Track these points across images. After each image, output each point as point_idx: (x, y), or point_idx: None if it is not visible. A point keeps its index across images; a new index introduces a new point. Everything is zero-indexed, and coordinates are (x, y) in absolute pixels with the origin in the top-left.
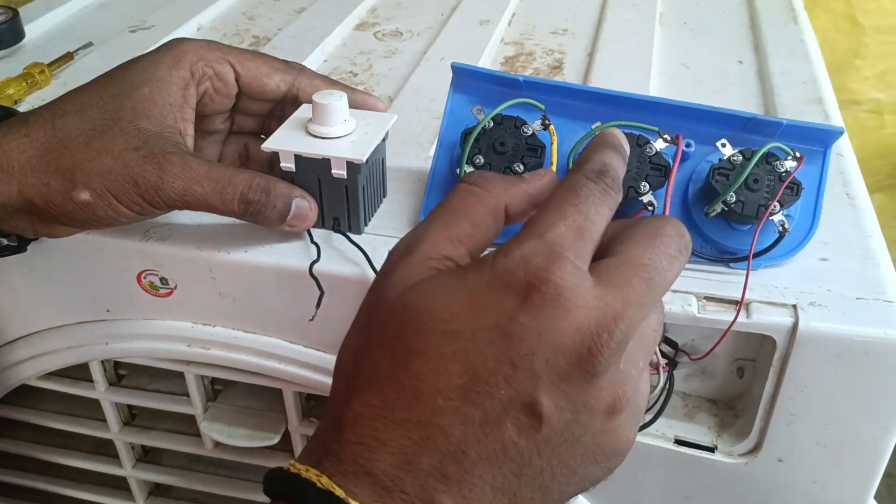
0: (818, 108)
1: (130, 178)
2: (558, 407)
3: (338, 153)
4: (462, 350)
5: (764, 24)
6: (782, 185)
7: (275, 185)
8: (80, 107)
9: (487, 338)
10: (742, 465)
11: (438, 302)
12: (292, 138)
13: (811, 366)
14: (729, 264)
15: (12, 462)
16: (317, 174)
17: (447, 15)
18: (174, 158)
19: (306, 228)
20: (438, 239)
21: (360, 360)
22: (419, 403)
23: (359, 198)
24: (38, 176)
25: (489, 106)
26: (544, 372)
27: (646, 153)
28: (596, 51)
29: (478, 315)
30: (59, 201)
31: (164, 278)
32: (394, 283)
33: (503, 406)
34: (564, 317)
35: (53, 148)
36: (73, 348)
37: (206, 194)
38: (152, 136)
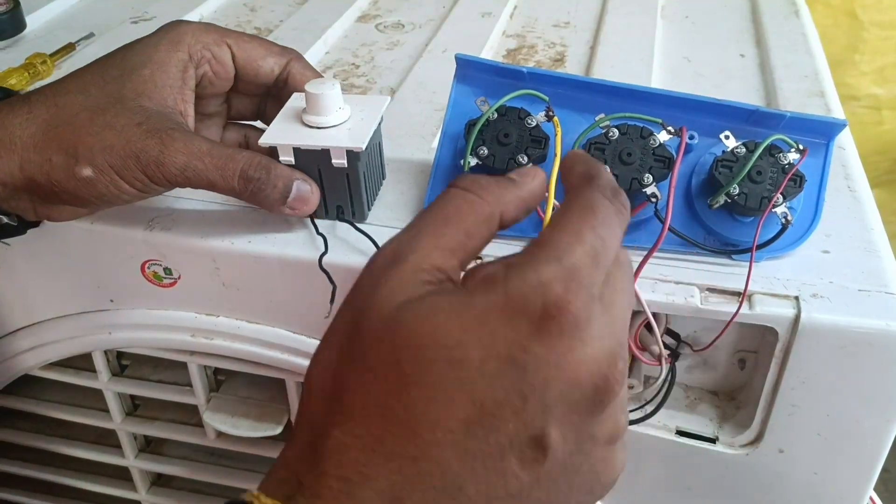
0: (820, 102)
1: (132, 152)
2: (565, 439)
3: (337, 143)
4: (468, 380)
5: (765, 18)
6: (785, 178)
7: (276, 165)
8: (82, 86)
9: (497, 368)
10: (743, 456)
11: (441, 326)
12: (289, 131)
13: (813, 357)
14: (731, 256)
15: (14, 452)
16: (317, 165)
17: (449, 7)
18: (176, 134)
19: (308, 213)
20: (429, 249)
21: (342, 382)
22: (414, 437)
23: (361, 184)
24: (40, 152)
25: (493, 97)
26: (556, 404)
27: (649, 145)
28: (598, 44)
29: (486, 343)
30: (61, 178)
31: (168, 268)
32: (382, 299)
33: (509, 440)
34: (581, 348)
35: (56, 124)
36: (76, 338)
37: (206, 170)
38: (154, 113)
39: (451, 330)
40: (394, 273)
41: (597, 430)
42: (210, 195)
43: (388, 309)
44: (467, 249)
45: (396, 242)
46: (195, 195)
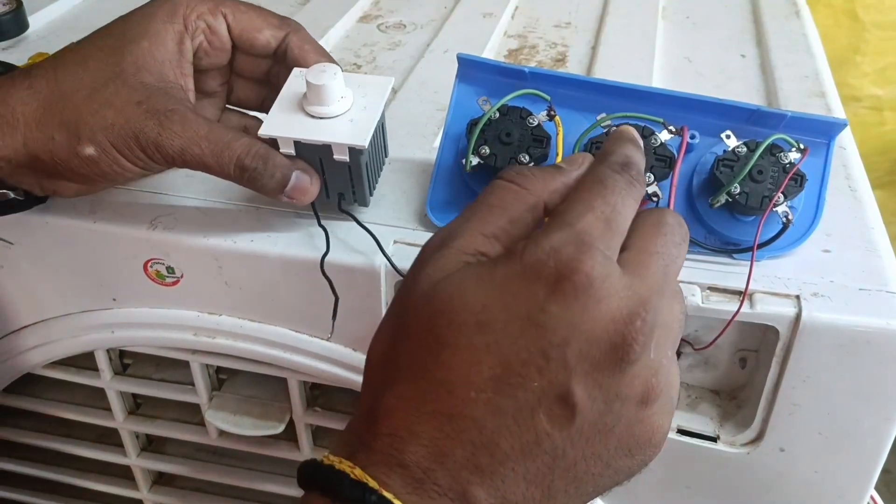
0: (821, 102)
1: (132, 132)
2: (591, 397)
3: (339, 139)
4: (494, 341)
5: (766, 18)
6: (786, 177)
7: (274, 155)
8: (81, 58)
9: (519, 328)
10: (744, 454)
11: (469, 293)
12: (289, 121)
13: (814, 356)
14: (732, 255)
15: (17, 451)
16: (318, 156)
17: (450, 7)
18: (175, 116)
19: (307, 202)
20: (474, 234)
21: (393, 351)
22: (451, 395)
23: (363, 175)
24: (42, 129)
25: (494, 97)
26: (577, 362)
27: (651, 144)
28: (599, 44)
29: (509, 306)
30: (64, 156)
31: (171, 267)
32: (426, 276)
33: (536, 397)
34: (596, 306)
35: (57, 100)
36: (79, 337)
37: (203, 155)
38: (155, 91)
39: (477, 296)
40: (439, 255)
41: (624, 389)
42: (213, 193)
43: (430, 283)
44: (511, 236)
45: (446, 229)
46: (198, 194)
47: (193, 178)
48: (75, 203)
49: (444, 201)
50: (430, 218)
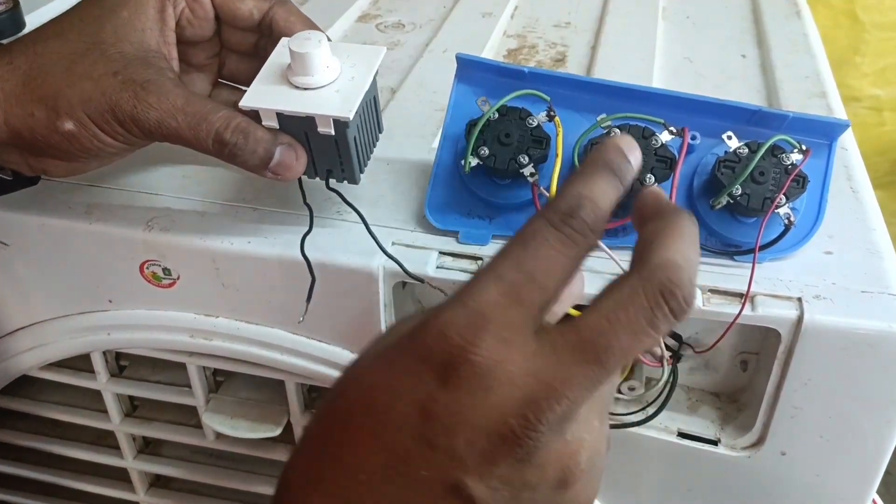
0: (822, 102)
1: (108, 105)
2: (492, 487)
3: (323, 110)
4: (380, 425)
5: (766, 18)
6: (788, 178)
7: (256, 129)
8: (59, 30)
9: (404, 414)
10: (745, 458)
11: (363, 369)
12: (272, 92)
13: (815, 359)
14: (734, 257)
15: (12, 453)
16: (303, 129)
17: (449, 7)
18: (151, 86)
19: (292, 179)
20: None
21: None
22: (343, 477)
23: (350, 150)
24: (22, 106)
25: (494, 97)
26: (467, 454)
27: (651, 145)
28: (599, 44)
29: (395, 389)
30: (44, 132)
31: (167, 269)
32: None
33: (427, 488)
34: (484, 396)
35: (35, 75)
36: (75, 338)
37: (180, 128)
38: (134, 60)
39: (366, 374)
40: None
41: (532, 478)
42: (210, 194)
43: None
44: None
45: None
46: (195, 195)
47: (190, 179)
48: (71, 204)
49: (443, 202)
50: (428, 219)
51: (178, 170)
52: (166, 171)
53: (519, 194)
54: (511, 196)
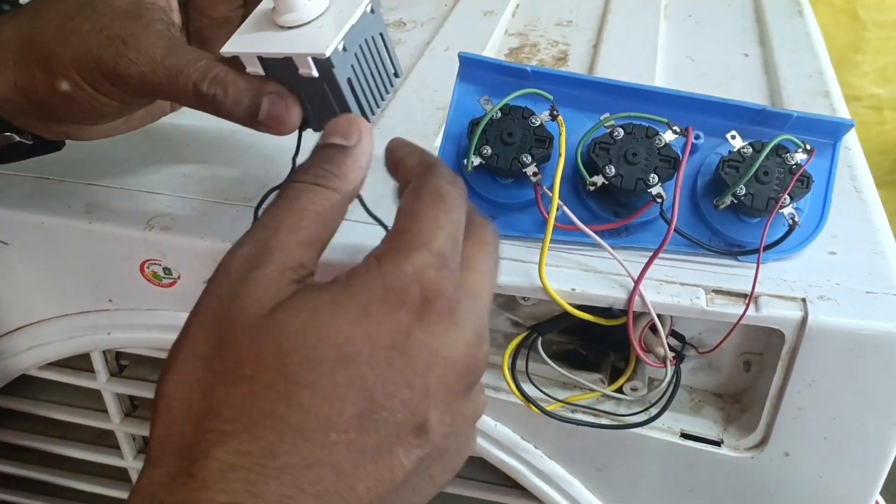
0: (825, 102)
1: (94, 62)
2: (442, 422)
3: (297, 48)
4: (359, 375)
5: (769, 17)
6: (793, 178)
7: (237, 79)
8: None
9: (385, 358)
10: (748, 459)
11: (327, 323)
12: (254, 38)
13: (819, 360)
14: (737, 257)
15: (12, 452)
16: (290, 76)
17: (451, 5)
18: (132, 40)
19: (289, 131)
20: (291, 245)
21: (217, 397)
22: (307, 443)
23: (345, 95)
24: (25, 68)
25: (496, 96)
26: (436, 388)
27: (655, 145)
28: (601, 43)
29: (374, 335)
30: (45, 94)
31: (168, 268)
32: (252, 303)
33: (397, 431)
34: (456, 332)
35: (34, 36)
36: (75, 338)
37: (161, 84)
38: (122, 14)
39: (338, 326)
40: (259, 276)
41: (466, 409)
42: (210, 193)
43: (261, 313)
44: (323, 240)
45: (253, 243)
46: (195, 194)
47: (190, 177)
48: (71, 203)
49: None
50: None
51: (178, 169)
52: (166, 170)
53: (522, 194)
54: (514, 195)
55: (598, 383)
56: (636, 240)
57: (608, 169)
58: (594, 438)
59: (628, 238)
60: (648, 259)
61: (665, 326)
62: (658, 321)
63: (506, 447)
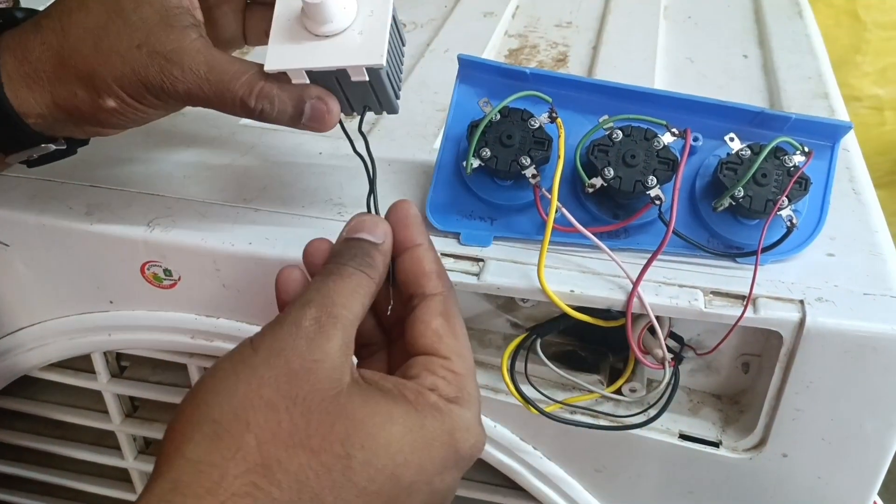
0: (824, 103)
1: (139, 81)
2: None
3: (354, 60)
4: (395, 494)
5: (769, 19)
6: (791, 180)
7: (280, 91)
8: (81, 1)
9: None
10: (746, 460)
11: (396, 440)
12: (294, 49)
13: (817, 361)
14: (736, 259)
15: (12, 453)
16: (334, 77)
17: (451, 7)
18: (174, 57)
19: (329, 129)
20: (346, 322)
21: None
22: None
23: (386, 87)
24: (64, 86)
25: (495, 98)
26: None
27: (653, 147)
28: (600, 44)
29: (425, 468)
30: (90, 110)
31: (168, 270)
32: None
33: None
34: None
35: (68, 54)
36: (76, 339)
37: (207, 98)
38: (155, 26)
39: (402, 447)
40: (329, 347)
41: None
42: (211, 194)
43: (336, 390)
44: (361, 319)
45: (317, 310)
46: (196, 195)
47: (191, 179)
48: (72, 205)
49: (445, 203)
50: (430, 220)
51: (178, 170)
52: (167, 172)
53: (521, 195)
54: (513, 197)
55: (596, 384)
56: (635, 241)
57: (607, 171)
58: (593, 439)
59: (627, 240)
60: (647, 261)
61: (664, 328)
62: (656, 323)
63: (505, 448)
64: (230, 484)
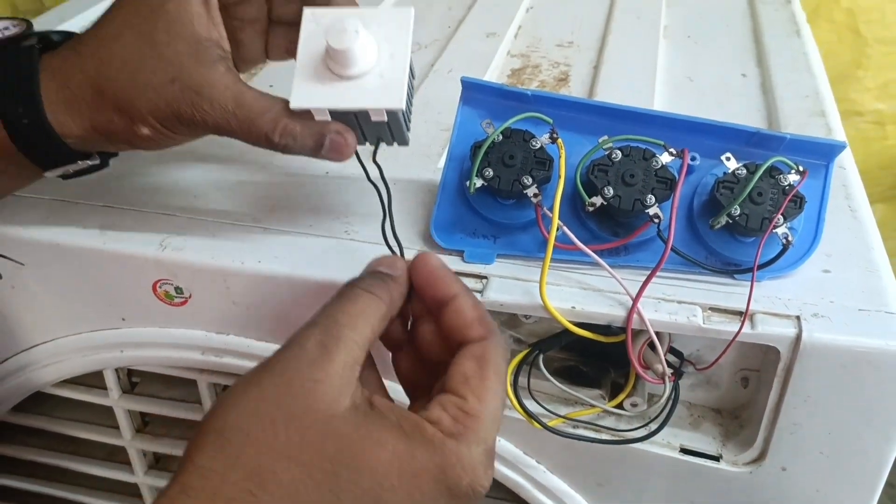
0: (821, 121)
1: (172, 113)
2: None
3: (375, 103)
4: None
5: (767, 37)
6: (786, 199)
7: (303, 128)
8: (117, 30)
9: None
10: (746, 473)
11: (384, 464)
12: (318, 89)
13: (814, 376)
14: (733, 276)
15: (24, 468)
16: (353, 114)
17: (454, 27)
18: (205, 91)
19: (345, 160)
20: (352, 344)
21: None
22: None
23: (401, 124)
24: (101, 113)
25: (498, 119)
26: None
27: (652, 166)
28: (601, 63)
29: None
30: (126, 136)
31: (179, 287)
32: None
33: None
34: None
35: (105, 85)
36: (88, 356)
37: (234, 131)
38: (187, 61)
39: (389, 472)
40: (331, 367)
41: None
42: (221, 214)
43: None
44: (371, 344)
45: (322, 332)
46: (207, 215)
47: (201, 199)
48: (85, 225)
49: (449, 222)
50: (434, 238)
51: (190, 190)
52: (178, 192)
53: (523, 214)
54: (515, 216)
55: (598, 399)
56: (635, 259)
57: (607, 190)
58: (595, 453)
59: (627, 257)
60: (646, 277)
61: (663, 343)
62: (656, 338)
63: (509, 462)
64: (229, 489)
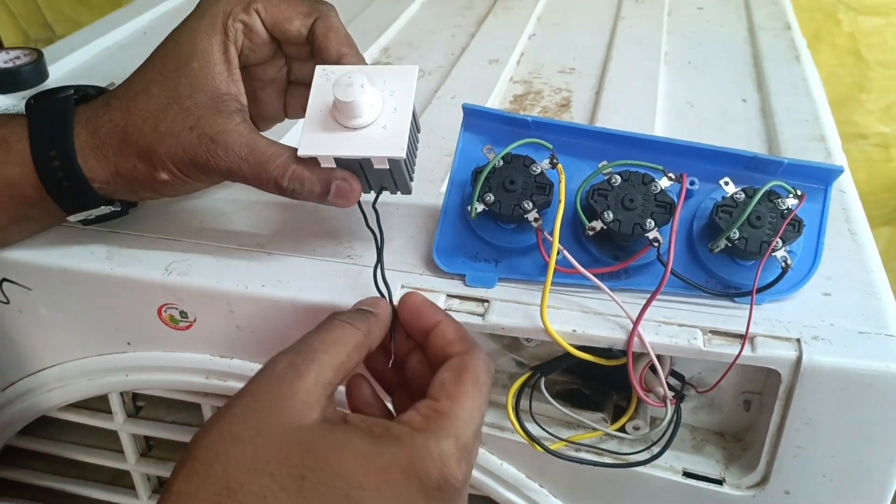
0: (820, 146)
1: (189, 158)
2: None
3: (377, 152)
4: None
5: (767, 63)
6: (784, 223)
7: (310, 173)
8: (145, 85)
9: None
10: (749, 497)
11: (349, 462)
12: (325, 138)
13: (816, 399)
14: (734, 299)
15: (28, 492)
16: (358, 163)
17: (457, 54)
18: (220, 139)
19: (350, 206)
20: (324, 365)
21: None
22: None
23: (403, 173)
24: (125, 159)
25: (499, 145)
26: None
27: (651, 191)
28: (603, 89)
29: (383, 494)
30: (146, 181)
31: (184, 312)
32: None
33: None
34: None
35: (131, 132)
36: (94, 380)
37: (245, 177)
38: (206, 111)
39: (355, 470)
40: (299, 384)
41: None
42: (226, 238)
43: (300, 422)
44: (347, 369)
45: (295, 355)
46: (211, 240)
47: (206, 224)
48: (92, 250)
49: (451, 246)
50: (436, 262)
51: (195, 216)
52: (184, 218)
53: (524, 238)
54: (516, 240)
55: (600, 422)
56: (635, 282)
57: (606, 214)
58: (598, 477)
59: (627, 280)
60: (647, 301)
61: (664, 366)
62: (657, 361)
63: (511, 486)
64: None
